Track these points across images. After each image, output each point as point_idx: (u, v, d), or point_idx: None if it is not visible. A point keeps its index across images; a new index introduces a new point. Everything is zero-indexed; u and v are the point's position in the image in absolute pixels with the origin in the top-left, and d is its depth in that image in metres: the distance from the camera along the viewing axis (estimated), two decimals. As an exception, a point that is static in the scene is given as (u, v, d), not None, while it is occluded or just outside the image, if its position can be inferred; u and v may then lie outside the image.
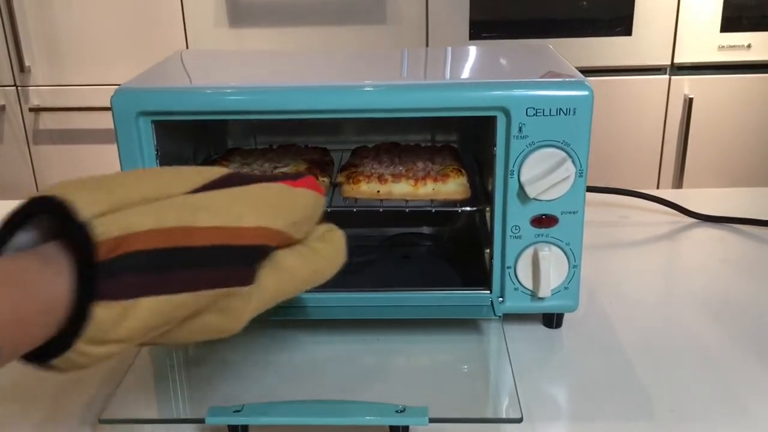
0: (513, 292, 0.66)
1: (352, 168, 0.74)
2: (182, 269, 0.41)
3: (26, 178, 1.99)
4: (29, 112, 1.93)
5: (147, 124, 0.63)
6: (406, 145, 0.81)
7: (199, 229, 0.42)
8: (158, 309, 0.39)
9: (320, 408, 0.55)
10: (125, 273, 0.38)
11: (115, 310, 0.37)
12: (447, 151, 0.80)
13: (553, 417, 0.58)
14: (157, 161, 0.64)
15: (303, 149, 0.81)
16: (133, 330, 0.39)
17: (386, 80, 0.65)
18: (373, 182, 0.71)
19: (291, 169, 0.74)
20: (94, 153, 1.95)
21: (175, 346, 0.53)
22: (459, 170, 0.72)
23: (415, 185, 0.70)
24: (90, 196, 0.39)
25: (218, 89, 0.62)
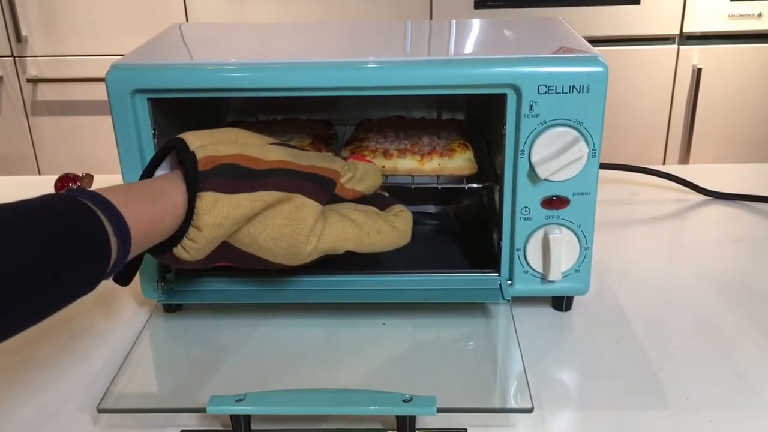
0: (522, 275, 0.64)
1: (356, 142, 0.74)
2: (255, 179, 0.55)
3: (25, 150, 1.96)
4: (27, 83, 1.90)
5: (143, 102, 0.60)
6: (412, 119, 0.80)
7: (268, 160, 0.56)
8: (237, 202, 0.53)
9: (324, 397, 0.53)
10: (215, 176, 0.53)
11: (208, 199, 0.52)
12: (453, 125, 0.78)
13: (563, 405, 0.57)
14: (154, 141, 0.62)
15: (306, 122, 0.80)
16: (222, 216, 0.53)
17: (390, 56, 0.63)
18: (378, 157, 0.70)
19: (297, 142, 0.73)
20: (92, 124, 1.93)
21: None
22: (465, 145, 0.71)
23: (420, 160, 0.70)
24: (197, 136, 0.55)
25: (217, 66, 0.60)
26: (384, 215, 0.62)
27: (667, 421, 0.55)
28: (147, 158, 0.62)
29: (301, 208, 0.56)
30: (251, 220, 0.55)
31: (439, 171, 0.70)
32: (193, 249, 0.53)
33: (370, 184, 0.63)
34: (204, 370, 0.61)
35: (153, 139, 0.62)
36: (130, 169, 0.62)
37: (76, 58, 1.86)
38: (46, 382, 0.60)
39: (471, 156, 0.71)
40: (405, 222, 0.63)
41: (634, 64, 1.81)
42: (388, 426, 0.53)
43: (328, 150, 0.73)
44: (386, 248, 0.61)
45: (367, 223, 0.60)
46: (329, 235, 0.58)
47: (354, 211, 0.60)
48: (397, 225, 0.62)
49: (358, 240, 0.59)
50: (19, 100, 1.92)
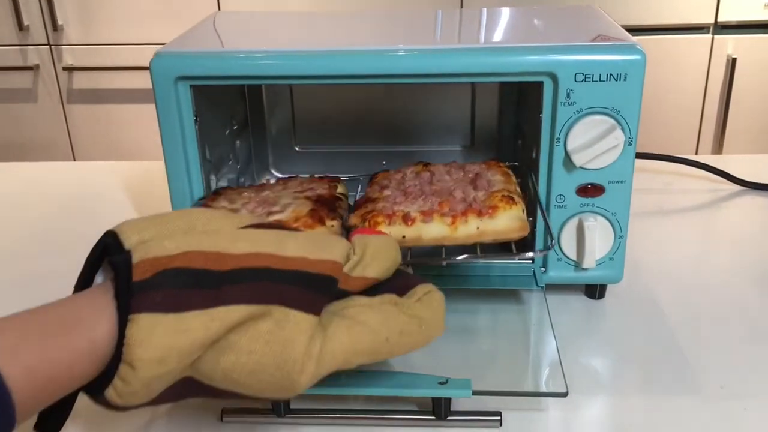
0: (556, 262, 0.65)
1: (368, 204, 0.60)
2: (214, 286, 0.40)
3: (61, 137, 2.01)
4: (63, 71, 1.93)
5: (186, 89, 0.62)
6: (441, 165, 0.66)
7: (236, 254, 0.42)
8: (185, 324, 0.39)
9: (361, 378, 0.54)
10: (155, 290, 0.39)
11: (143, 324, 0.38)
12: (493, 169, 0.64)
13: (596, 391, 0.57)
14: (195, 126, 0.63)
15: (306, 180, 0.68)
16: (162, 348, 0.38)
17: (428, 44, 0.64)
18: (397, 224, 0.56)
19: (292, 213, 0.59)
20: (127, 112, 1.96)
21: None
22: (510, 198, 0.57)
23: (452, 224, 0.56)
24: (137, 227, 0.42)
25: (258, 54, 0.61)
26: (406, 305, 0.47)
27: (700, 408, 0.55)
28: (188, 144, 0.64)
29: (285, 325, 0.41)
30: (215, 347, 0.40)
31: (477, 237, 0.55)
32: (126, 393, 0.39)
33: (386, 266, 0.47)
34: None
35: (194, 125, 0.63)
36: (172, 155, 0.63)
37: (110, 46, 1.90)
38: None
39: (520, 212, 0.57)
40: (435, 309, 0.48)
41: (668, 53, 1.79)
42: (423, 408, 0.54)
43: (333, 219, 0.59)
44: (414, 349, 0.47)
45: (384, 323, 0.45)
46: (332, 352, 0.43)
47: (364, 310, 0.45)
48: (424, 316, 0.47)
49: (375, 350, 0.45)
50: (55, 88, 1.96)
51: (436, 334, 0.48)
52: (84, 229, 0.79)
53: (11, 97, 1.99)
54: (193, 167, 0.64)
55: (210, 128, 0.68)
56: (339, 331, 0.43)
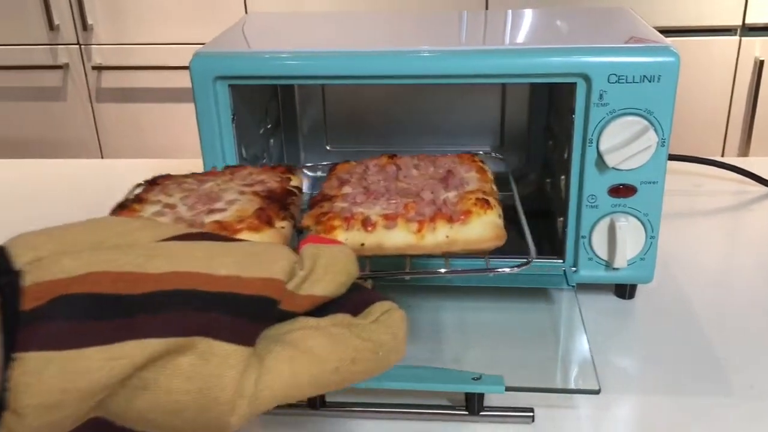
0: (587, 261, 0.65)
1: (325, 202, 0.53)
2: (122, 315, 0.33)
3: (89, 135, 2.04)
4: (92, 70, 1.96)
5: (224, 88, 0.63)
6: (408, 157, 0.59)
7: (153, 274, 0.35)
8: (83, 363, 0.32)
9: (395, 372, 0.55)
10: (49, 321, 0.32)
11: (31, 365, 0.31)
12: (467, 164, 0.57)
13: (626, 390, 0.58)
14: (232, 124, 0.65)
15: (257, 170, 0.59)
16: (54, 391, 0.31)
17: (460, 46, 0.64)
18: (355, 229, 0.49)
19: (236, 212, 0.51)
20: (155, 111, 1.99)
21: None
22: (485, 201, 0.50)
23: (419, 231, 0.48)
24: (33, 241, 0.34)
25: (294, 54, 0.62)
26: (361, 326, 0.39)
27: (730, 407, 0.55)
28: (225, 143, 0.65)
29: (210, 359, 0.35)
30: (128, 385, 0.33)
31: (446, 247, 0.48)
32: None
33: (339, 282, 0.40)
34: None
35: (231, 124, 0.65)
36: (210, 154, 0.65)
37: (139, 46, 1.92)
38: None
39: (496, 218, 0.50)
40: (395, 331, 0.40)
41: (695, 55, 1.78)
42: (455, 403, 0.55)
43: (283, 219, 0.51)
44: (370, 377, 0.40)
45: (333, 350, 0.38)
46: (270, 388, 0.36)
47: (311, 334, 0.38)
48: (382, 339, 0.39)
49: (322, 381, 0.38)
50: (84, 87, 1.99)
51: (395, 359, 0.41)
52: None
53: (41, 95, 2.02)
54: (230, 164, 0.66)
55: (245, 127, 0.69)
56: (279, 362, 0.37)
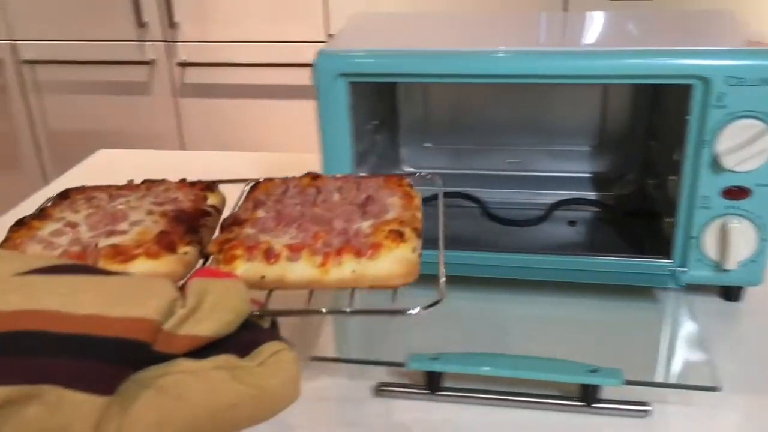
0: (696, 262, 0.66)
1: (235, 227, 0.49)
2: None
3: (172, 130, 2.11)
4: (177, 66, 2.03)
5: (344, 85, 0.66)
6: (332, 179, 0.56)
7: (4, 312, 0.33)
8: None
9: (514, 362, 0.57)
10: None
11: None
12: (393, 188, 0.53)
13: (739, 389, 0.58)
14: (349, 121, 0.67)
15: (174, 186, 0.56)
16: None
17: (585, 47, 0.66)
18: (257, 260, 0.45)
19: (136, 235, 0.48)
20: (236, 107, 2.04)
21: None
22: (399, 233, 0.46)
23: (323, 265, 0.44)
24: None
25: (420, 53, 0.64)
26: (245, 370, 0.37)
27: None
28: (342, 138, 0.68)
29: (59, 411, 0.32)
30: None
31: (352, 283, 0.44)
32: None
33: (226, 320, 0.38)
34: (386, 333, 0.66)
35: (348, 119, 0.67)
36: (330, 147, 0.68)
37: (222, 44, 1.98)
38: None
39: (409, 253, 0.45)
40: (283, 374, 0.38)
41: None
42: (569, 394, 0.57)
43: (188, 243, 0.47)
44: (253, 425, 0.37)
45: (210, 397, 0.35)
46: None
47: (185, 379, 0.35)
48: (267, 384, 0.37)
49: (195, 429, 0.35)
50: (168, 83, 2.06)
51: (283, 403, 0.38)
52: None
53: (128, 89, 2.10)
54: (345, 160, 0.69)
55: (357, 124, 0.72)
56: (145, 410, 0.34)
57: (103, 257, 0.45)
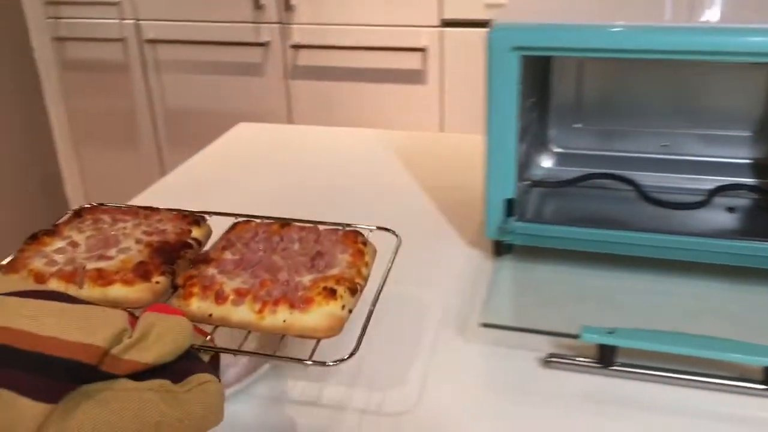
0: None
1: (203, 265, 0.57)
2: None
3: (281, 111, 2.16)
4: (290, 48, 2.08)
5: (515, 59, 0.66)
6: (297, 228, 0.61)
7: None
8: None
9: (692, 340, 0.56)
10: None
11: None
12: (348, 245, 0.58)
13: None
14: (518, 97, 0.68)
15: (170, 216, 0.63)
16: None
17: (760, 21, 0.64)
18: (209, 300, 0.53)
19: (120, 262, 0.56)
20: (345, 90, 2.07)
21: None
22: (332, 291, 0.52)
23: (260, 312, 0.51)
24: None
25: (600, 27, 0.64)
26: (173, 394, 0.43)
27: None
28: (509, 113, 0.68)
29: (9, 410, 0.40)
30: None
31: (282, 330, 0.51)
32: None
33: (166, 351, 0.44)
34: (552, 306, 0.66)
35: (517, 95, 0.68)
36: (497, 122, 0.68)
37: (335, 26, 2.01)
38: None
39: (337, 310, 0.51)
40: (206, 402, 0.44)
41: None
42: (747, 376, 0.55)
43: (162, 274, 0.55)
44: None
45: (138, 413, 0.42)
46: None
47: (120, 396, 0.42)
48: (191, 409, 0.43)
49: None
50: (281, 64, 2.11)
51: (205, 427, 0.44)
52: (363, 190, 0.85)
53: (242, 70, 2.16)
54: (510, 136, 0.69)
55: (521, 99, 0.72)
56: (83, 417, 0.41)
57: (88, 278, 0.54)
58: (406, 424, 0.54)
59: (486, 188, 0.72)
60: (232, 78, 2.19)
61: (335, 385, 0.58)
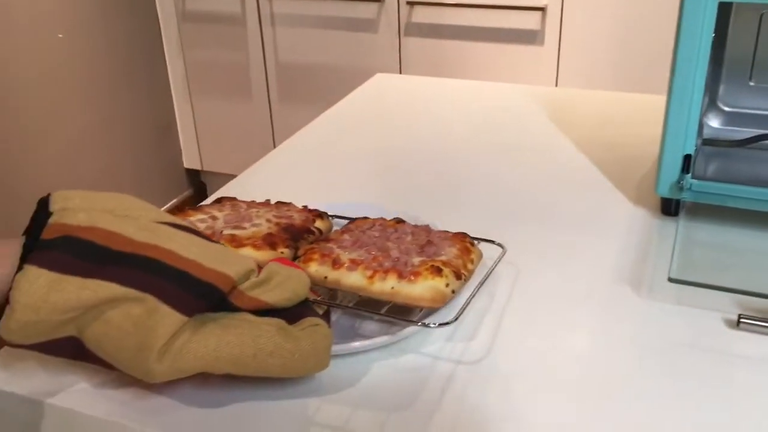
0: None
1: (322, 242, 0.62)
2: (101, 262, 0.46)
3: (393, 68, 2.15)
4: (405, 5, 2.06)
5: (713, 7, 0.63)
6: (410, 226, 0.65)
7: (137, 241, 0.47)
8: (62, 285, 0.45)
9: None
10: (52, 250, 0.45)
11: (29, 275, 0.44)
12: (456, 242, 0.61)
13: None
14: (711, 49, 0.65)
15: (297, 209, 0.68)
16: (37, 298, 0.44)
17: None
18: (326, 265, 0.58)
19: (253, 232, 0.62)
20: (456, 48, 2.05)
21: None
22: (438, 269, 0.56)
23: (370, 277, 0.56)
24: (67, 196, 0.48)
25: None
26: (288, 330, 0.49)
27: None
28: (699, 65, 0.65)
29: (153, 315, 0.46)
30: (93, 313, 0.46)
31: (389, 296, 0.55)
32: (6, 330, 0.45)
33: (285, 297, 0.50)
34: (736, 266, 0.64)
35: (709, 47, 0.65)
36: (683, 72, 0.65)
37: (452, -17, 1.98)
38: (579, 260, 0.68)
39: (441, 286, 0.55)
40: (316, 342, 0.49)
41: None
42: None
43: (286, 247, 0.60)
44: (287, 375, 0.49)
45: (256, 340, 0.47)
46: (194, 352, 0.46)
47: (242, 323, 0.48)
48: (302, 345, 0.48)
49: (240, 362, 0.47)
50: (395, 21, 2.09)
51: (313, 366, 0.49)
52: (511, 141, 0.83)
53: (355, 26, 2.16)
54: (697, 87, 0.66)
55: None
56: (208, 336, 0.46)
57: (223, 240, 0.60)
58: (582, 381, 0.53)
59: (663, 142, 0.69)
60: (345, 33, 2.20)
61: (500, 345, 0.58)
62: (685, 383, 0.52)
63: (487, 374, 0.54)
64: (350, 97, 1.11)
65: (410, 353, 0.56)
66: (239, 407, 0.50)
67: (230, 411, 0.50)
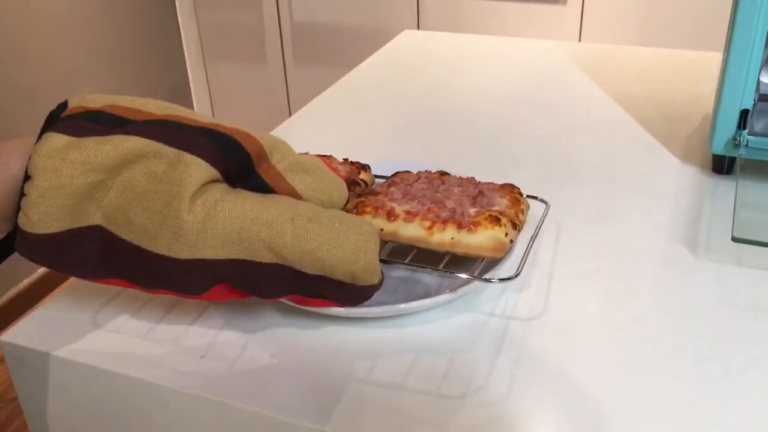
0: None
1: (370, 195, 0.60)
2: (121, 126, 0.44)
3: (411, 26, 2.11)
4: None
5: None
6: (457, 177, 0.63)
7: (155, 113, 0.45)
8: (81, 143, 0.42)
9: None
10: (72, 120, 0.43)
11: (49, 139, 0.42)
12: (505, 192, 0.60)
13: None
14: None
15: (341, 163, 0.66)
16: (58, 158, 0.41)
17: None
18: (380, 217, 0.55)
19: None
20: (475, 7, 2.00)
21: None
22: (496, 218, 0.54)
23: (429, 228, 0.54)
24: (86, 95, 0.46)
25: None
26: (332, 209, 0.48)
27: None
28: (760, 28, 0.62)
29: (178, 165, 0.42)
30: (119, 185, 0.43)
31: (450, 247, 0.53)
32: (28, 210, 0.42)
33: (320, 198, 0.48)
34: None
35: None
36: (744, 21, 0.63)
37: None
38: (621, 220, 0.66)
39: (501, 235, 0.53)
40: (360, 229, 0.46)
41: None
42: None
43: None
44: (328, 251, 0.45)
45: (294, 205, 0.45)
46: (230, 210, 0.43)
47: (279, 197, 0.46)
48: (343, 218, 0.46)
49: (276, 225, 0.44)
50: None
51: (359, 250, 0.45)
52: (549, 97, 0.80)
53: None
54: (759, 37, 0.63)
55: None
56: (244, 199, 0.44)
57: None
58: (638, 343, 0.52)
59: (719, 97, 0.67)
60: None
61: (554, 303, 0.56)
62: (744, 347, 0.51)
63: (544, 330, 0.52)
64: (380, 53, 1.08)
65: (465, 310, 0.54)
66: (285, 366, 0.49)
67: (273, 372, 0.49)
